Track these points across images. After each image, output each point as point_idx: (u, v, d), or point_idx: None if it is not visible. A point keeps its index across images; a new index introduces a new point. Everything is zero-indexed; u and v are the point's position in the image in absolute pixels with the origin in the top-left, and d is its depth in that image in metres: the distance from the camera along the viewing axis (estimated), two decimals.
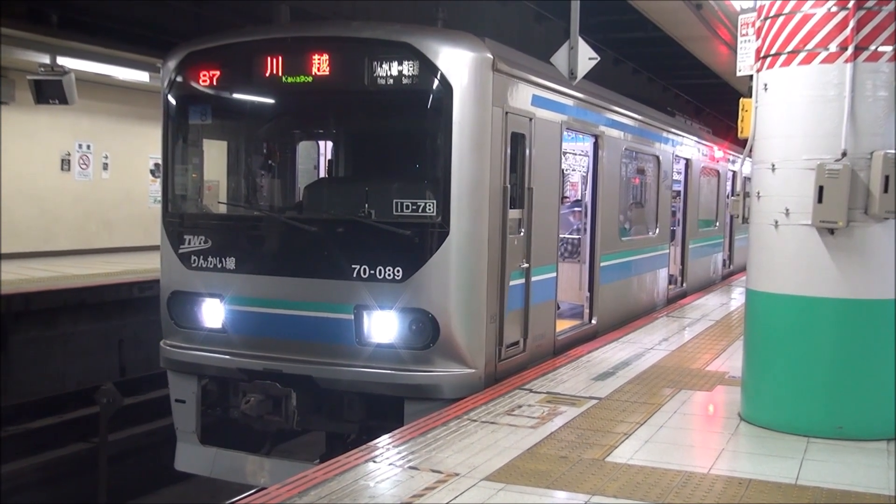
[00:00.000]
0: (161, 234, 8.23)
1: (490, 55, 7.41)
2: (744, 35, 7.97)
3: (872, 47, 6.00)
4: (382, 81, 7.28)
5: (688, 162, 15.11)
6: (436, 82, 7.18)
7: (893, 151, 5.96)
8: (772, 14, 6.35)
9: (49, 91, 12.02)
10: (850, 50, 6.00)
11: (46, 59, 12.23)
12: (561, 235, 9.94)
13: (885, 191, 5.92)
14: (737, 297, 15.06)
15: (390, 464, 5.51)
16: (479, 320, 7.40)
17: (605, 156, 10.53)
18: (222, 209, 8.77)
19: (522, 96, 8.10)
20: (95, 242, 18.79)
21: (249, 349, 7.74)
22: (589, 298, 10.54)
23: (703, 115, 30.64)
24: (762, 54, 6.49)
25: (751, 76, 6.90)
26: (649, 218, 13.25)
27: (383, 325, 7.31)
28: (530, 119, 8.22)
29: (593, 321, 10.50)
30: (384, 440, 6.05)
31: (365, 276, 7.30)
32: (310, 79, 7.54)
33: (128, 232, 19.35)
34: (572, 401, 7.19)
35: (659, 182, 13.28)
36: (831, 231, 6.06)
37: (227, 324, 7.85)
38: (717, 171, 17.92)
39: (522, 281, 8.20)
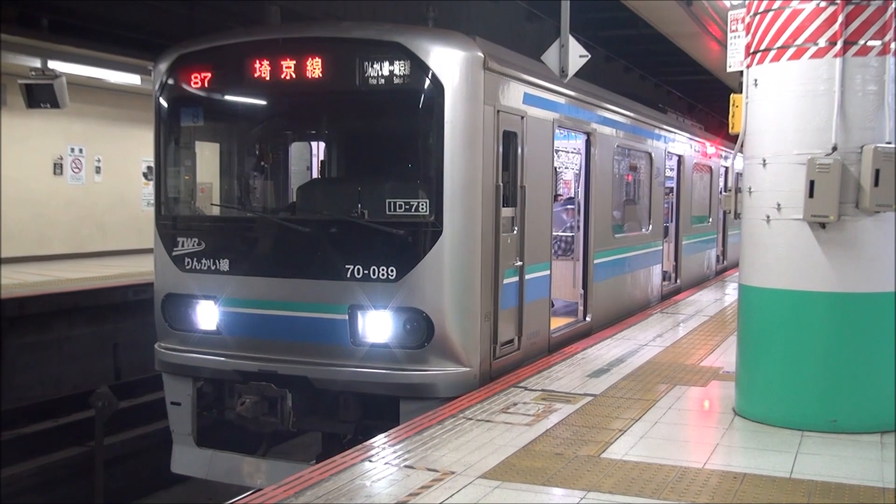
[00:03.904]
0: (154, 237, 8.23)
1: (481, 54, 7.42)
2: (733, 31, 7.97)
3: (861, 42, 6.02)
4: (374, 81, 7.28)
5: (680, 158, 15.14)
6: (427, 81, 7.18)
7: (883, 145, 5.99)
8: (761, 10, 6.37)
9: (40, 95, 11.99)
10: (840, 45, 6.02)
11: (38, 63, 12.21)
12: (554, 233, 9.95)
13: (876, 184, 5.94)
14: (730, 293, 15.09)
15: (386, 463, 5.52)
16: (474, 319, 7.41)
17: (598, 153, 10.54)
18: (215, 211, 8.76)
19: (514, 94, 8.11)
20: (89, 246, 18.78)
21: (244, 351, 7.74)
22: (583, 296, 10.55)
23: (696, 112, 30.70)
24: (752, 50, 6.51)
25: (741, 72, 6.92)
26: (642, 215, 13.28)
27: (378, 325, 7.32)
28: (522, 117, 8.23)
29: (588, 318, 10.52)
30: (380, 440, 6.06)
31: (359, 276, 7.30)
32: (301, 80, 7.53)
33: (121, 235, 19.33)
34: (567, 398, 7.20)
35: (652, 179, 13.30)
36: (823, 225, 6.08)
37: (221, 325, 7.84)
38: (710, 167, 17.95)
39: (516, 279, 8.21)
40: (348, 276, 7.33)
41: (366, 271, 7.29)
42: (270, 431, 7.87)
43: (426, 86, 7.19)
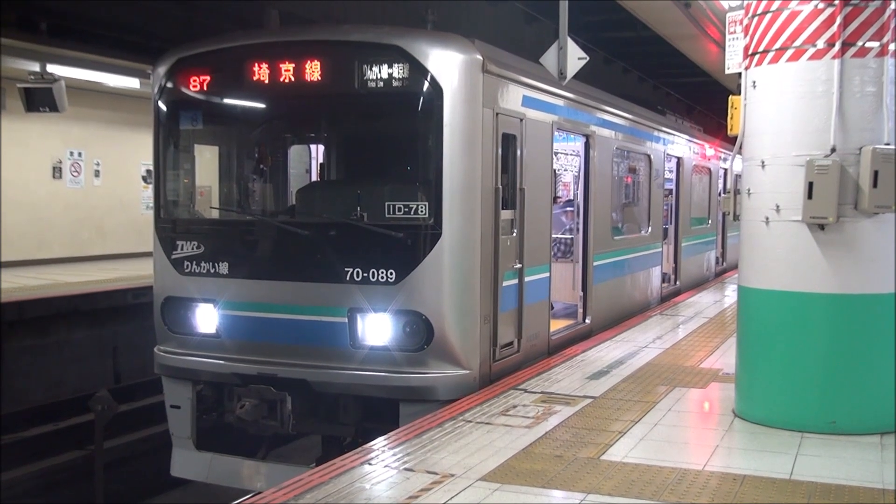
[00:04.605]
0: (154, 240, 8.23)
1: (480, 57, 7.42)
2: (732, 33, 8.00)
3: (860, 43, 6.03)
4: (373, 84, 7.28)
5: (679, 160, 15.15)
6: (426, 84, 7.19)
7: (882, 146, 5.99)
8: (759, 12, 6.38)
9: (39, 99, 11.99)
10: (838, 46, 6.03)
11: (36, 67, 12.21)
12: (554, 235, 9.96)
13: (875, 186, 5.94)
14: (730, 295, 15.09)
15: (386, 466, 5.52)
16: (473, 321, 7.41)
17: (597, 155, 10.55)
18: (214, 214, 8.76)
19: (513, 97, 8.11)
20: (88, 249, 18.78)
21: (244, 354, 7.73)
22: (582, 298, 10.56)
23: (694, 113, 30.71)
24: (750, 52, 6.51)
25: (740, 74, 6.92)
26: (642, 217, 13.28)
27: (377, 328, 7.31)
28: (521, 120, 8.23)
29: (587, 320, 10.52)
30: (380, 442, 6.06)
31: (358, 279, 7.30)
32: (300, 83, 7.53)
33: (121, 238, 19.33)
34: (567, 400, 7.20)
35: (651, 181, 13.31)
36: (822, 227, 6.08)
37: (220, 329, 7.84)
38: (709, 169, 17.96)
39: (516, 281, 8.21)
40: (348, 278, 7.33)
41: (365, 274, 7.29)
42: (270, 434, 7.86)
43: (425, 89, 7.20)
